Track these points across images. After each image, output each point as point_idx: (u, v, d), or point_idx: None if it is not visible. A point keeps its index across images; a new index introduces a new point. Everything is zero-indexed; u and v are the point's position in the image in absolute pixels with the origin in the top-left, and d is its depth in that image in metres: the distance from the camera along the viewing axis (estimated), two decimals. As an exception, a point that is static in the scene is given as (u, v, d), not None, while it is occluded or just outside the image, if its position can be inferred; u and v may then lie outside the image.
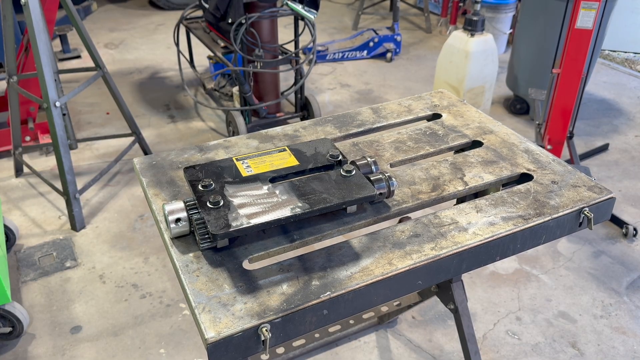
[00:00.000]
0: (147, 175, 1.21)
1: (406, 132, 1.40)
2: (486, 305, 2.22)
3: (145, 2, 5.90)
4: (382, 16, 5.59)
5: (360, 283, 0.93)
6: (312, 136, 1.37)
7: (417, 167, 1.25)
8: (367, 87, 4.10)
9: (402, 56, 4.66)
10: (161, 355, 1.99)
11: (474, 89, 3.39)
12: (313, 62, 3.12)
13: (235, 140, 1.35)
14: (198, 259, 0.98)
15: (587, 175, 1.22)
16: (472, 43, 3.26)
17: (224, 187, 1.03)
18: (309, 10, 2.84)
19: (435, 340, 2.06)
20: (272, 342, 0.87)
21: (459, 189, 1.18)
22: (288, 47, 3.32)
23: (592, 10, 2.36)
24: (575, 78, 2.51)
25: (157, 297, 2.23)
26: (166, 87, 4.06)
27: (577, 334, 2.10)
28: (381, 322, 2.09)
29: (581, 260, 2.45)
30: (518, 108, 3.70)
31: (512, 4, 4.44)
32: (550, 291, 2.29)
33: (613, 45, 4.75)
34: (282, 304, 0.88)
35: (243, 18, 2.85)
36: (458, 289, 1.52)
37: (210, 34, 3.46)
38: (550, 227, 1.10)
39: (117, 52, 4.64)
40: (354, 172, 1.08)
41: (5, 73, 2.68)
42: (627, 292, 2.29)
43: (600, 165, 3.16)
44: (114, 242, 2.53)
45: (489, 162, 1.27)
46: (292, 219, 0.98)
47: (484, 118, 1.46)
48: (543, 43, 3.24)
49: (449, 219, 1.08)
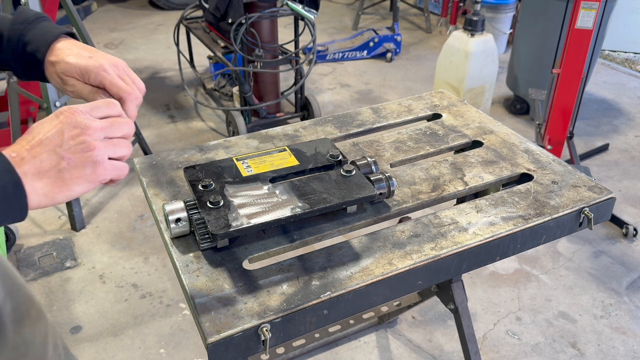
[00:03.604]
0: (147, 175, 1.21)
1: (406, 132, 1.40)
2: (486, 305, 2.22)
3: (145, 2, 5.90)
4: (382, 16, 5.59)
5: (360, 283, 0.93)
6: (312, 136, 1.37)
7: (417, 167, 1.25)
8: (367, 87, 4.10)
9: (402, 56, 4.66)
10: (161, 355, 1.99)
11: (474, 89, 3.39)
12: (313, 62, 3.12)
13: (235, 140, 1.35)
14: (198, 259, 0.98)
15: (587, 175, 1.22)
16: (472, 43, 3.26)
17: (224, 187, 1.03)
18: (309, 10, 2.84)
19: (435, 340, 2.06)
20: (272, 342, 0.87)
21: (459, 189, 1.18)
22: (288, 47, 3.32)
23: (592, 10, 2.36)
24: (576, 78, 2.51)
25: (157, 297, 2.23)
26: (166, 87, 4.06)
27: (577, 334, 2.10)
28: (381, 322, 2.09)
29: (581, 260, 2.45)
30: (518, 108, 3.70)
31: (512, 4, 4.44)
32: (550, 291, 2.29)
33: (613, 46, 4.75)
34: (282, 304, 0.88)
35: (243, 18, 2.85)
36: (458, 289, 1.52)
37: (210, 34, 3.46)
38: (550, 227, 1.10)
39: (117, 52, 4.64)
40: (354, 172, 1.08)
41: (5, 73, 2.68)
42: (627, 292, 2.29)
43: (600, 166, 3.16)
44: (114, 242, 2.53)
45: (489, 162, 1.27)
46: (292, 219, 0.98)
47: (484, 118, 1.46)
48: (543, 43, 3.24)
49: (449, 219, 1.08)
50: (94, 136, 0.70)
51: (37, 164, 0.66)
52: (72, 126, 0.69)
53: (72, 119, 0.69)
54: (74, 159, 0.68)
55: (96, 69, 0.83)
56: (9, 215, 0.64)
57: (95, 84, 0.85)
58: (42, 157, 0.66)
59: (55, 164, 0.67)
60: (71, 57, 0.85)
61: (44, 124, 0.69)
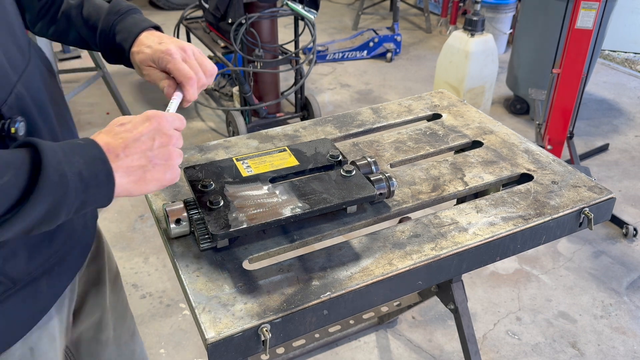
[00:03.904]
0: (147, 175, 1.21)
1: (406, 132, 1.39)
2: (486, 306, 2.22)
3: (145, 2, 5.90)
4: (382, 16, 5.59)
5: (360, 283, 0.93)
6: (312, 136, 1.37)
7: (417, 167, 1.25)
8: (367, 87, 4.10)
9: (402, 56, 4.66)
10: (161, 355, 1.99)
11: (474, 89, 3.39)
12: (313, 62, 3.12)
13: (235, 140, 1.35)
14: (198, 259, 0.98)
15: (587, 175, 1.22)
16: (472, 43, 3.26)
17: (224, 187, 1.03)
18: (309, 10, 2.84)
19: (436, 340, 2.06)
20: (272, 343, 0.87)
21: (459, 189, 1.18)
22: (288, 47, 3.32)
23: (592, 10, 2.36)
24: (576, 78, 2.51)
25: (157, 297, 2.23)
26: (166, 87, 4.05)
27: (577, 334, 2.10)
28: (381, 322, 2.09)
29: (581, 260, 2.45)
30: (518, 108, 3.70)
31: (512, 4, 4.44)
32: (550, 291, 2.29)
33: (613, 45, 4.75)
34: (282, 304, 0.88)
35: (243, 18, 2.85)
36: (458, 289, 1.52)
37: (210, 34, 3.46)
38: (550, 227, 1.10)
39: (117, 52, 4.64)
40: (354, 172, 1.08)
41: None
42: (627, 292, 2.29)
43: (600, 166, 3.16)
44: (114, 242, 2.53)
45: (489, 162, 1.27)
46: (292, 219, 0.98)
47: (484, 118, 1.46)
48: (543, 43, 3.24)
49: (449, 219, 1.08)
50: (175, 146, 0.79)
51: (129, 162, 0.73)
52: (162, 134, 0.77)
53: (162, 127, 0.78)
54: (159, 164, 0.76)
55: (162, 53, 0.91)
56: (98, 200, 0.71)
57: (162, 69, 0.92)
58: (134, 157, 0.74)
59: (143, 165, 0.75)
60: (147, 47, 0.93)
61: (136, 124, 0.76)
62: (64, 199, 0.66)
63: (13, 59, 0.77)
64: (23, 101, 0.76)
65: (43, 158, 0.64)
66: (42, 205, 0.64)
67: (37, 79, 0.82)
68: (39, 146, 0.65)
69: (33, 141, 0.66)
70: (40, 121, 0.79)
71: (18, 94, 0.75)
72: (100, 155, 0.71)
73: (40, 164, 0.64)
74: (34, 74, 0.82)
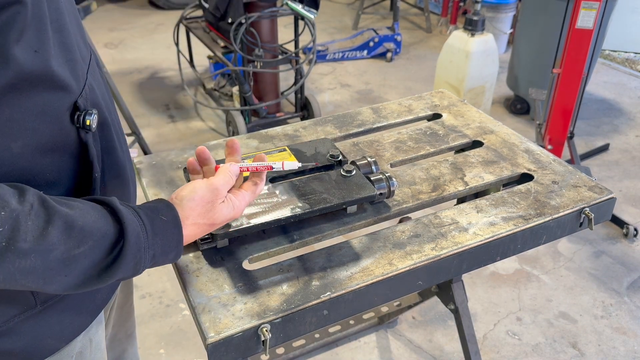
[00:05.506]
0: (146, 175, 1.21)
1: (406, 132, 1.39)
2: (486, 306, 2.21)
3: (145, 2, 5.90)
4: (382, 16, 5.59)
5: (360, 283, 0.93)
6: (312, 136, 1.36)
7: (418, 167, 1.25)
8: (367, 87, 4.10)
9: (402, 56, 4.65)
10: (161, 355, 1.99)
11: (474, 88, 3.39)
12: (313, 62, 3.12)
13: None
14: (198, 259, 0.98)
15: (588, 175, 1.22)
16: (472, 43, 3.25)
17: (223, 187, 1.03)
18: (309, 10, 2.84)
19: (436, 340, 2.06)
20: (272, 343, 0.87)
21: (460, 189, 1.18)
22: (288, 47, 3.32)
23: (593, 10, 2.36)
24: (576, 78, 2.51)
25: (157, 297, 2.23)
26: (166, 87, 4.06)
27: (577, 334, 2.09)
28: (381, 322, 2.08)
29: (582, 260, 2.45)
30: (518, 108, 3.70)
31: (512, 3, 4.43)
32: (550, 291, 2.29)
33: (613, 45, 4.75)
34: (282, 304, 0.88)
35: (243, 18, 2.85)
36: (458, 289, 1.52)
37: (210, 33, 3.46)
38: (550, 227, 1.10)
39: (117, 52, 4.64)
40: (354, 172, 1.08)
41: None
42: (628, 292, 2.29)
43: (600, 165, 3.16)
44: (114, 242, 2.53)
45: (490, 162, 1.27)
46: (292, 219, 0.97)
47: (484, 118, 1.46)
48: (543, 43, 3.23)
49: (450, 219, 1.08)
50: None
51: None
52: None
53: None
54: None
55: None
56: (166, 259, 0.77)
57: None
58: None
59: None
60: None
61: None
62: (130, 276, 0.72)
63: (83, 52, 0.78)
64: (93, 93, 0.77)
65: (125, 244, 0.67)
66: (108, 281, 0.69)
67: (97, 72, 0.83)
68: (124, 224, 0.68)
69: (120, 215, 0.68)
70: (107, 112, 0.80)
71: (90, 86, 0.76)
72: (178, 244, 0.76)
73: (122, 249, 0.67)
74: (94, 67, 0.83)
